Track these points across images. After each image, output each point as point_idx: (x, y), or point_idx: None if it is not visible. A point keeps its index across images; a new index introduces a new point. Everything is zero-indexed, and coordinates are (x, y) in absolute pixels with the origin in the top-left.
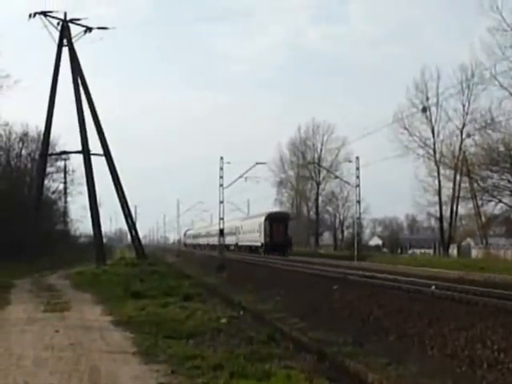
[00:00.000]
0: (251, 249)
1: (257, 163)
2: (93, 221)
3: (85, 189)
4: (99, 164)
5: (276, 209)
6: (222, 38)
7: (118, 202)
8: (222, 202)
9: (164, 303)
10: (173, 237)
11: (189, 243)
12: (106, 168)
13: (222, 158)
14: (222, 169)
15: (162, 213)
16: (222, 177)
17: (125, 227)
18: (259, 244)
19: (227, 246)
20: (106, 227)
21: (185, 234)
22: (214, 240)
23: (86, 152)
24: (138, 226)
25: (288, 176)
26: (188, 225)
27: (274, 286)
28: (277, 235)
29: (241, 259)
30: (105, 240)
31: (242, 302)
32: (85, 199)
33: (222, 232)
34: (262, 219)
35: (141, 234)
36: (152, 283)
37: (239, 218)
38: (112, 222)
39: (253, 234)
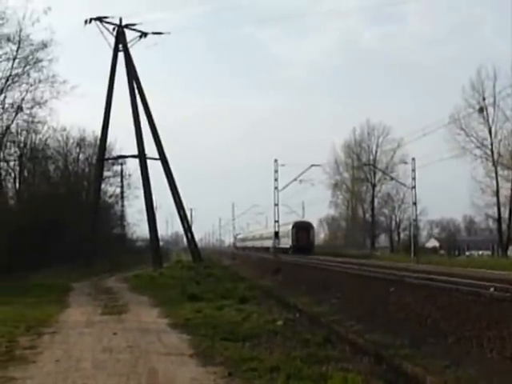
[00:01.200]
0: (283, 250)
1: (312, 165)
2: (149, 224)
3: (141, 193)
4: (155, 168)
5: (332, 211)
6: (275, 41)
7: (174, 206)
8: (276, 205)
9: (220, 306)
10: (228, 240)
11: (238, 246)
12: (162, 172)
13: (276, 161)
14: (276, 171)
15: (217, 216)
16: (276, 179)
17: (181, 230)
18: (288, 246)
19: (267, 249)
20: (163, 230)
21: (235, 238)
22: (261, 243)
23: (142, 156)
24: (193, 229)
25: (343, 178)
26: (244, 228)
27: (330, 288)
28: (301, 240)
29: (294, 261)
30: (161, 243)
31: (298, 304)
32: (141, 203)
33: (277, 234)
34: (290, 227)
35: (196, 238)
36: (208, 286)
37: (276, 225)
38: (168, 225)
39: (284, 238)
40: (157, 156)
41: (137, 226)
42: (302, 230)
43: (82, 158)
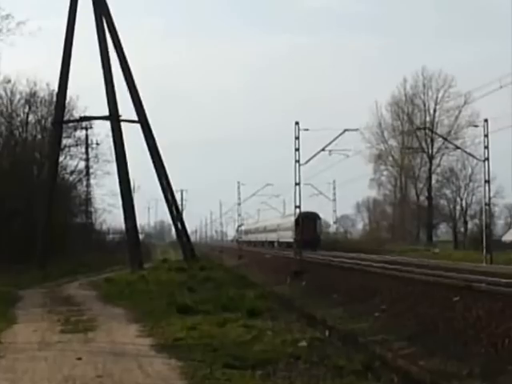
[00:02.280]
0: (287, 245)
1: (345, 130)
2: (125, 211)
3: (113, 168)
4: (133, 135)
5: (373, 193)
6: None
7: (159, 187)
8: (298, 184)
9: (222, 321)
10: (233, 232)
11: (241, 240)
12: (143, 141)
13: (297, 124)
14: (297, 138)
15: (217, 200)
16: (298, 149)
17: (168, 219)
18: (291, 240)
19: (271, 243)
20: (143, 219)
21: (237, 230)
22: (265, 236)
23: (114, 118)
24: (185, 217)
25: (389, 147)
26: (253, 216)
27: (371, 297)
28: (307, 233)
29: (322, 261)
30: (141, 236)
31: (328, 318)
32: (114, 182)
33: (297, 223)
34: (294, 218)
35: (189, 229)
36: (205, 294)
37: (278, 216)
38: (151, 212)
39: (287, 231)
40: (135, 118)
41: (108, 214)
42: (308, 221)
43: (32, 121)
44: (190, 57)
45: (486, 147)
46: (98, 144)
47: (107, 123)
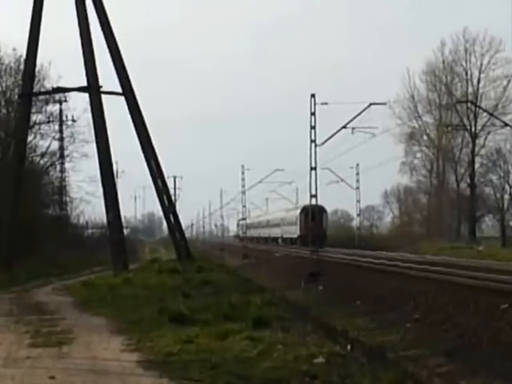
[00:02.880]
0: (291, 241)
1: (371, 105)
2: (106, 201)
3: (93, 149)
4: (116, 111)
5: (405, 179)
6: None
7: (148, 172)
8: (313, 169)
9: (223, 332)
10: (235, 226)
11: (243, 236)
12: (128, 117)
13: (313, 97)
14: (313, 114)
15: (217, 188)
16: (313, 127)
17: (158, 212)
18: (295, 236)
19: (275, 239)
20: (129, 211)
21: (238, 225)
22: (268, 232)
23: (94, 89)
24: (179, 209)
25: (424, 124)
26: (261, 207)
27: (401, 303)
28: (312, 228)
29: (343, 261)
30: (126, 231)
31: (350, 329)
32: (93, 166)
33: (313, 217)
34: (298, 212)
35: (184, 223)
36: (203, 300)
37: (284, 209)
38: (138, 203)
39: (291, 226)
40: (118, 89)
41: (86, 204)
42: (313, 215)
43: None
44: (180, 16)
45: None
46: (74, 121)
47: (85, 96)
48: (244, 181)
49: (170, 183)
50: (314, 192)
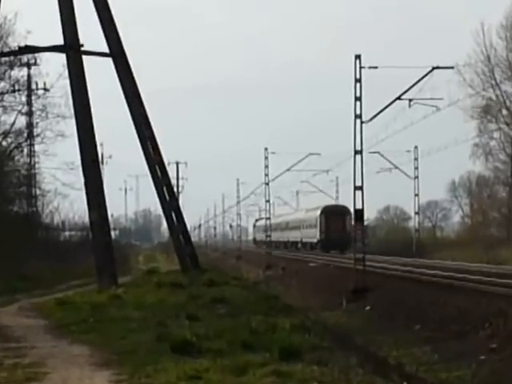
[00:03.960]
0: (311, 246)
1: (434, 69)
2: (89, 195)
3: (71, 127)
4: (101, 78)
5: (477, 167)
6: None
7: (143, 156)
8: (359, 153)
9: (241, 365)
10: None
11: (259, 239)
12: (117, 85)
13: (358, 58)
14: (359, 81)
15: (232, 178)
16: (358, 98)
17: (156, 209)
18: (315, 240)
19: (294, 244)
20: (118, 208)
21: (254, 226)
22: (287, 235)
23: (73, 48)
24: (184, 205)
25: (503, 95)
26: (289, 200)
27: (473, 329)
28: (334, 231)
29: (393, 272)
30: (115, 234)
31: (407, 362)
32: (72, 150)
33: (361, 216)
34: (318, 213)
35: (190, 223)
36: (215, 324)
37: (304, 209)
38: (129, 196)
39: (311, 229)
40: (105, 49)
41: (63, 199)
42: (335, 216)
43: None
44: None
45: None
46: (46, 89)
47: (61, 57)
48: (267, 168)
49: (171, 172)
50: (358, 183)
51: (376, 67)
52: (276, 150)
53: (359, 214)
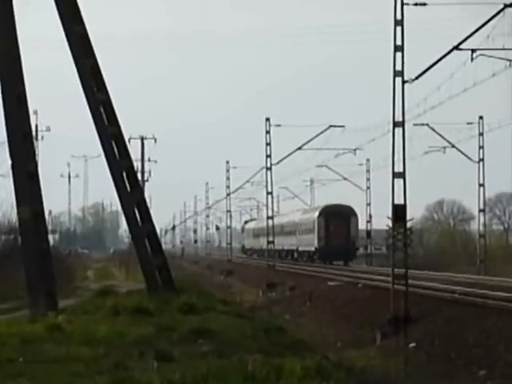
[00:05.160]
0: (309, 255)
1: (506, 6)
2: (17, 186)
3: None
4: (37, 20)
5: None
6: None
7: (94, 130)
8: (399, 125)
9: None
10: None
11: (249, 247)
12: (58, 29)
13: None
14: (400, 24)
15: (219, 159)
16: (400, 48)
17: (113, 203)
18: (313, 249)
19: (291, 253)
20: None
21: (243, 230)
22: (281, 242)
23: None
24: (151, 198)
25: None
26: (301, 193)
27: None
28: (335, 237)
29: (448, 295)
30: (54, 239)
31: None
32: None
33: (403, 215)
34: (316, 215)
35: (161, 223)
36: (193, 365)
37: (302, 209)
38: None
39: (307, 235)
40: None
41: None
42: (337, 219)
43: None
44: None
45: None
46: None
47: None
48: (270, 146)
49: (134, 151)
50: (399, 167)
51: (424, 4)
52: (280, 120)
53: (400, 211)
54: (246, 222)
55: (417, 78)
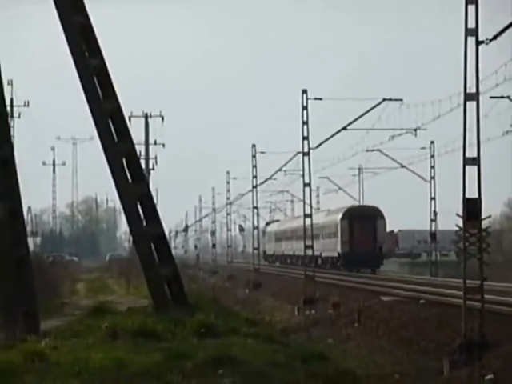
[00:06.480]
0: (332, 262)
1: None
2: None
3: None
4: None
5: None
6: None
7: (87, 106)
8: (472, 98)
9: None
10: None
11: (270, 253)
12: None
13: None
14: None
15: (244, 145)
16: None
17: (111, 198)
18: (335, 254)
19: (314, 259)
20: (39, 198)
21: (263, 233)
22: (292, 246)
23: None
24: (156, 190)
25: None
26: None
27: None
28: (361, 242)
29: None
30: (35, 243)
31: None
32: None
33: (477, 212)
34: (339, 217)
35: (169, 224)
36: None
37: (325, 211)
38: (60, 175)
39: (329, 239)
40: None
41: None
42: (362, 222)
43: None
44: None
45: None
46: None
47: None
48: (307, 125)
49: (136, 132)
50: (472, 152)
51: None
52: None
53: (473, 207)
54: (267, 224)
55: (495, 37)
